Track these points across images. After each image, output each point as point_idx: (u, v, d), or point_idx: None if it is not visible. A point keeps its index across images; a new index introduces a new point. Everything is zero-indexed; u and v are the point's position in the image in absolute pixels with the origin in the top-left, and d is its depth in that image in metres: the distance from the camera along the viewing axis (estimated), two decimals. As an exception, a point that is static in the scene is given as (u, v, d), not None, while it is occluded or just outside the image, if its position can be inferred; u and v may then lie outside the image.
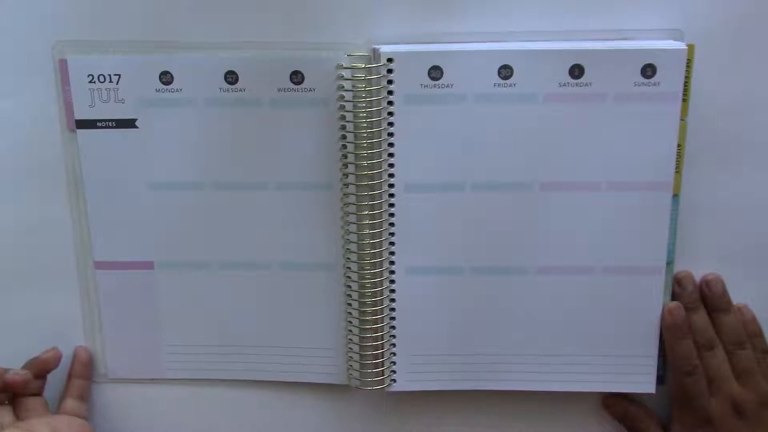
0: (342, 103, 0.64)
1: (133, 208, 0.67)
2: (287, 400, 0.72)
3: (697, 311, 0.66)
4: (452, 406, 0.72)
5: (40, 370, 0.68)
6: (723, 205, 0.67)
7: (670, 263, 0.66)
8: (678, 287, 0.67)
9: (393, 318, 0.67)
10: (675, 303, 0.66)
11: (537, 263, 0.66)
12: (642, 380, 0.68)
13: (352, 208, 0.66)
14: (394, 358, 0.68)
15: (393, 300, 0.67)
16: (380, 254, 0.66)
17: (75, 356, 0.70)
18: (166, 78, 0.65)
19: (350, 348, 0.68)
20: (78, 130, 0.66)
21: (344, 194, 0.66)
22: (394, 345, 0.68)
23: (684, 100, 0.64)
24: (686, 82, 0.63)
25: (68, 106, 0.66)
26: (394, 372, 0.68)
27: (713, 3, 0.65)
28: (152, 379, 0.72)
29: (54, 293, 0.70)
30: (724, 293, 0.67)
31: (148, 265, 0.68)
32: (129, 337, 0.70)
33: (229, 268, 0.68)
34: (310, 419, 0.72)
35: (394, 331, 0.67)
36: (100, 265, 0.68)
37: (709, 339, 0.66)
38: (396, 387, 0.68)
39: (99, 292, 0.69)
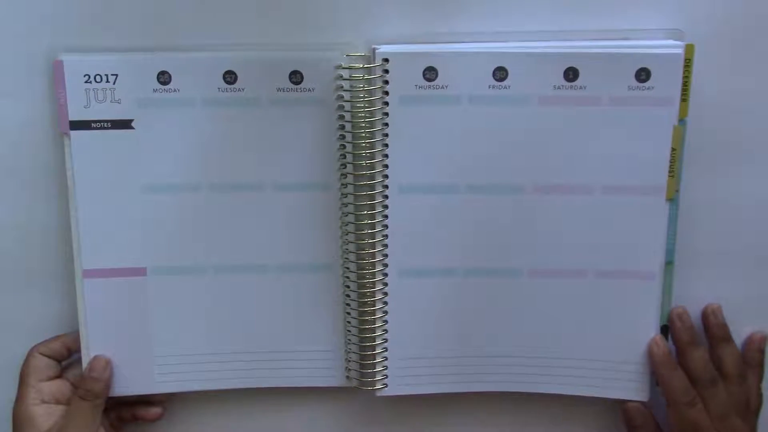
0: (341, 104, 0.67)
1: (126, 211, 0.68)
2: (285, 402, 0.74)
3: (698, 346, 0.68)
4: (449, 408, 0.74)
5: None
6: (723, 205, 0.70)
7: (670, 263, 0.68)
8: (679, 322, 0.69)
9: (386, 321, 0.69)
10: (659, 335, 0.69)
11: (530, 266, 0.68)
12: (636, 387, 0.70)
13: (350, 209, 0.68)
14: (386, 363, 0.70)
15: (385, 303, 0.69)
16: (377, 255, 0.68)
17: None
18: (163, 78, 0.66)
19: (349, 349, 0.71)
20: (72, 132, 0.67)
21: (342, 194, 0.68)
22: (385, 350, 0.70)
23: (684, 100, 0.66)
24: (686, 81, 0.65)
25: (62, 108, 0.67)
26: (386, 377, 0.70)
27: (713, 3, 0.67)
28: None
29: (36, 303, 0.72)
30: (726, 323, 0.69)
31: (141, 272, 0.69)
32: (116, 350, 0.70)
33: (225, 272, 0.70)
34: (308, 421, 0.74)
35: (386, 335, 0.69)
36: (88, 274, 0.69)
37: (713, 374, 0.67)
38: (387, 391, 0.70)
39: (85, 303, 0.69)
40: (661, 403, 0.69)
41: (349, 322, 0.70)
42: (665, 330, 0.69)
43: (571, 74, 0.65)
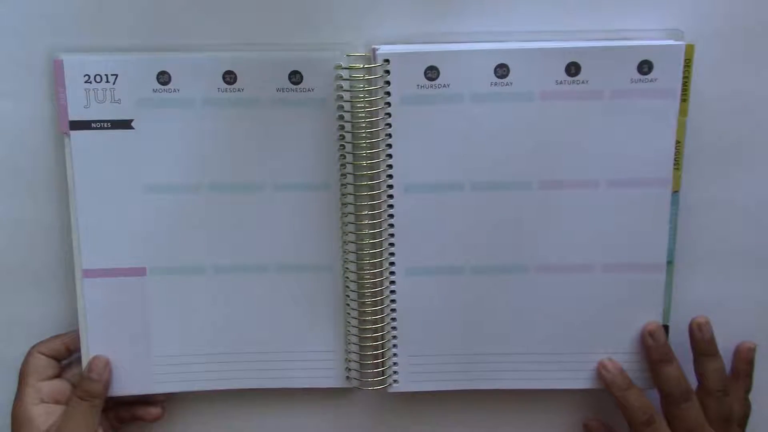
0: (341, 104, 0.67)
1: (126, 211, 0.68)
2: (285, 405, 0.74)
3: (671, 363, 0.68)
4: (454, 406, 0.74)
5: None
6: (723, 205, 0.70)
7: (670, 263, 0.68)
8: (651, 339, 0.68)
9: (394, 319, 0.69)
10: (606, 359, 0.69)
11: (537, 262, 0.68)
12: (643, 377, 0.69)
13: (350, 209, 0.68)
14: (395, 359, 0.70)
15: (393, 301, 0.69)
16: (380, 255, 0.68)
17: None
18: (163, 78, 0.66)
19: (350, 349, 0.71)
20: (72, 132, 0.67)
21: (343, 194, 0.68)
22: (395, 346, 0.70)
23: (684, 100, 0.66)
24: (686, 81, 0.66)
25: (62, 109, 0.67)
26: (396, 372, 0.70)
27: (713, 3, 0.68)
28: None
29: (35, 303, 0.72)
30: (713, 338, 0.69)
31: (141, 272, 0.69)
32: (115, 350, 0.70)
33: (225, 272, 0.70)
34: (309, 422, 0.74)
35: (395, 332, 0.70)
36: (88, 273, 0.69)
37: (684, 390, 0.67)
38: (398, 387, 0.71)
39: (85, 303, 0.69)
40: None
41: (349, 323, 0.70)
42: (666, 329, 0.69)
43: (572, 69, 0.65)
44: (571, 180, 0.67)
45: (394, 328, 0.70)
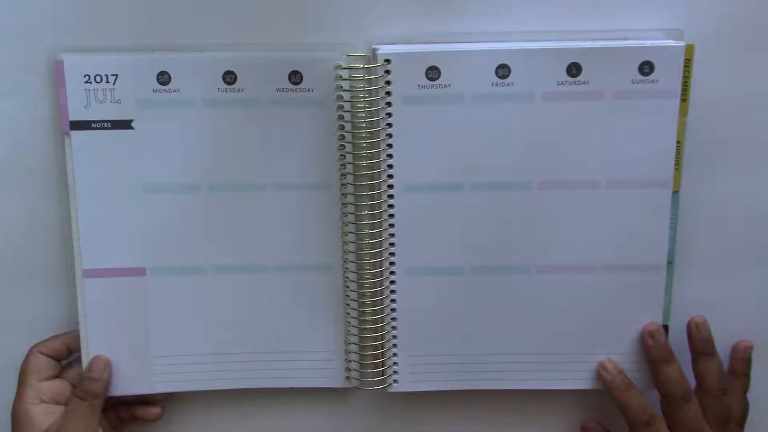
0: (340, 104, 0.67)
1: (126, 211, 0.68)
2: (285, 405, 0.74)
3: (671, 363, 0.67)
4: (453, 406, 0.74)
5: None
6: (723, 205, 0.70)
7: (670, 263, 0.68)
8: (651, 339, 0.68)
9: (394, 319, 0.69)
10: (606, 359, 0.69)
11: (537, 262, 0.68)
12: (642, 377, 0.69)
13: (350, 209, 0.68)
14: (395, 359, 0.70)
15: (393, 301, 0.69)
16: (380, 255, 0.68)
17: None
18: (163, 78, 0.66)
19: (350, 349, 0.70)
20: (72, 132, 0.67)
21: (343, 195, 0.68)
22: (395, 346, 0.70)
23: (684, 100, 0.66)
24: (686, 81, 0.66)
25: (62, 108, 0.66)
26: (396, 372, 0.70)
27: (713, 3, 0.67)
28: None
29: (35, 303, 0.72)
30: (711, 337, 0.68)
31: (141, 272, 0.69)
32: (116, 350, 0.70)
33: (225, 272, 0.70)
34: (309, 422, 0.74)
35: (395, 332, 0.70)
36: (88, 273, 0.69)
37: (685, 391, 0.67)
38: (398, 387, 0.71)
39: (85, 303, 0.69)
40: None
41: (349, 323, 0.70)
42: (666, 329, 0.69)
43: (573, 70, 0.65)
44: (572, 180, 0.67)
45: (394, 328, 0.70)
